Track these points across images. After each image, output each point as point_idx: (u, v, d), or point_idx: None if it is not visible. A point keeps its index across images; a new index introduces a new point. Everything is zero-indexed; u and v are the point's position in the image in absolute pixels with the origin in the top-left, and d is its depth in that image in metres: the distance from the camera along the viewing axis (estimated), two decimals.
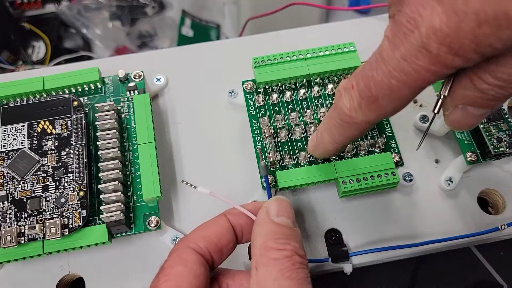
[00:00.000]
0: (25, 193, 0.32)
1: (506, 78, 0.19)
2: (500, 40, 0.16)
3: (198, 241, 0.27)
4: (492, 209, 0.37)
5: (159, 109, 0.40)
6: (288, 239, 0.25)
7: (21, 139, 0.34)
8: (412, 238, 0.35)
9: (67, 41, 0.69)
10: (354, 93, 0.23)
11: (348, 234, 0.35)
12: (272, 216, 0.26)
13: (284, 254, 0.24)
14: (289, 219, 0.27)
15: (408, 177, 0.36)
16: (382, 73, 0.20)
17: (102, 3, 0.71)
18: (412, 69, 0.19)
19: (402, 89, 0.20)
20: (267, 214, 0.27)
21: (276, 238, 0.25)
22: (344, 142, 0.27)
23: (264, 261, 0.24)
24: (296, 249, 0.25)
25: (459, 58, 0.18)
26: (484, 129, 0.35)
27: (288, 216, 0.27)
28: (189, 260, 0.26)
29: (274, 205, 0.27)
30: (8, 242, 0.30)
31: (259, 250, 0.25)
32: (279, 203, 0.27)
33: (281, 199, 0.28)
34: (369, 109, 0.22)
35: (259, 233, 0.26)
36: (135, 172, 0.35)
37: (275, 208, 0.27)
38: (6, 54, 0.65)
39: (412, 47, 0.18)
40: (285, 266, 0.24)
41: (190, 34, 0.75)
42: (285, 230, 0.26)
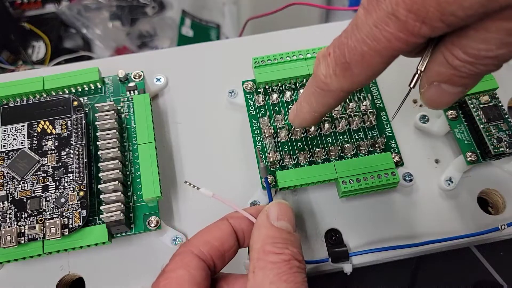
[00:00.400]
0: (25, 193, 0.32)
1: (476, 54, 0.19)
2: (462, 8, 0.17)
3: (201, 246, 0.26)
4: (492, 209, 0.37)
5: (159, 109, 0.40)
6: (286, 243, 0.25)
7: (21, 139, 0.34)
8: (412, 238, 0.35)
9: (67, 41, 0.69)
10: (330, 60, 0.23)
11: (348, 234, 0.35)
12: (272, 220, 0.26)
13: (282, 258, 0.24)
14: (289, 224, 0.27)
15: (408, 177, 0.36)
16: (355, 40, 0.21)
17: (102, 3, 0.71)
18: (383, 36, 0.19)
19: (374, 57, 0.20)
20: (267, 218, 0.27)
21: (274, 242, 0.25)
22: (321, 110, 0.27)
23: (261, 264, 0.24)
24: (294, 253, 0.25)
25: (425, 26, 0.18)
26: (484, 129, 0.35)
27: (288, 220, 0.27)
28: (191, 265, 0.25)
29: (274, 209, 0.27)
30: (8, 242, 0.30)
31: (257, 254, 0.25)
32: (280, 207, 0.27)
33: (281, 203, 0.28)
34: (343, 76, 0.23)
35: (258, 237, 0.26)
36: (135, 172, 0.35)
37: (275, 211, 0.27)
38: (6, 54, 0.65)
39: (383, 14, 0.19)
40: (282, 270, 0.24)
41: (190, 34, 0.75)
42: (284, 235, 0.26)
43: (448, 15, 0.17)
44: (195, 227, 0.35)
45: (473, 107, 0.35)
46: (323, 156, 0.35)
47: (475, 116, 0.35)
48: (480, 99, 0.36)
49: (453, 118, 0.36)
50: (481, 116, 0.35)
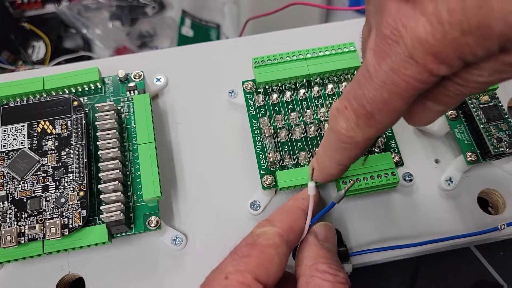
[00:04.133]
0: (25, 193, 0.32)
1: (468, 78, 0.19)
2: (482, 48, 0.17)
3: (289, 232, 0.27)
4: (492, 209, 0.37)
5: (159, 109, 0.40)
6: (339, 267, 0.26)
7: (21, 139, 0.34)
8: (412, 238, 0.35)
9: (67, 41, 0.69)
10: (348, 114, 0.22)
11: (348, 234, 0.35)
12: (321, 240, 0.27)
13: (338, 280, 0.25)
14: (334, 247, 0.28)
15: (408, 177, 0.36)
16: (373, 89, 0.20)
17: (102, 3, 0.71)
18: (402, 80, 0.19)
19: (395, 100, 0.20)
20: (316, 237, 0.27)
21: (328, 263, 0.26)
22: (348, 163, 0.26)
23: (317, 282, 0.25)
24: (347, 280, 0.25)
25: (444, 66, 0.18)
26: (484, 129, 0.35)
27: (333, 244, 0.28)
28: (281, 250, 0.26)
29: (322, 230, 0.28)
30: (8, 242, 0.30)
31: (309, 271, 0.25)
32: (327, 228, 0.28)
33: (328, 225, 0.29)
34: (368, 126, 0.22)
35: (309, 254, 0.27)
36: (135, 172, 0.35)
37: (324, 233, 0.28)
38: (6, 54, 0.65)
39: (399, 58, 0.19)
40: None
41: (190, 34, 0.75)
42: (334, 257, 0.27)
43: (468, 55, 0.17)
44: (195, 227, 0.35)
45: (473, 107, 0.35)
46: None
47: (475, 116, 0.35)
48: (480, 99, 0.36)
49: (453, 118, 0.36)
50: (481, 116, 0.35)
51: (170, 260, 0.34)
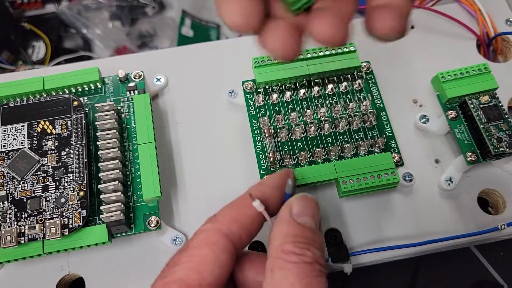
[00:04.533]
0: (25, 193, 0.32)
1: None
2: None
3: (231, 225, 0.24)
4: (492, 209, 0.37)
5: (159, 109, 0.40)
6: (308, 243, 0.23)
7: (21, 139, 0.34)
8: (412, 238, 0.34)
9: (67, 41, 0.69)
10: None
11: (348, 234, 0.35)
12: (294, 215, 0.24)
13: (303, 260, 0.23)
14: (312, 221, 0.25)
15: (408, 177, 0.36)
16: None
17: (102, 3, 0.71)
18: None
19: None
20: (290, 213, 0.25)
21: (295, 241, 0.23)
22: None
23: (280, 264, 0.23)
24: (316, 256, 0.23)
25: None
26: (484, 129, 0.35)
27: (312, 216, 0.25)
28: (218, 245, 0.24)
29: (298, 203, 0.25)
30: (8, 242, 0.30)
31: (275, 252, 0.23)
32: (305, 201, 0.25)
33: (307, 197, 0.25)
34: None
35: (278, 233, 0.24)
36: (135, 172, 0.35)
37: (299, 206, 0.25)
38: (6, 54, 0.65)
39: None
40: (303, 271, 0.22)
41: (190, 34, 0.75)
42: (307, 233, 0.24)
43: None
44: (195, 227, 0.35)
45: (473, 107, 0.35)
46: (323, 156, 0.35)
47: (475, 116, 0.35)
48: (480, 99, 0.36)
49: (453, 118, 0.36)
50: (481, 116, 0.35)
51: None
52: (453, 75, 0.36)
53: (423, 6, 0.44)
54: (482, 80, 0.36)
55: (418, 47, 0.43)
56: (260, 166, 0.34)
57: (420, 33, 0.43)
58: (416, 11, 0.44)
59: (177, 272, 0.23)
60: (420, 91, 0.40)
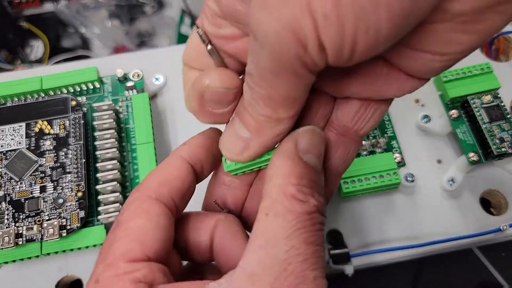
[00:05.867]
0: (23, 194, 0.32)
1: None
2: None
3: (160, 188, 0.22)
4: (494, 209, 0.37)
5: (158, 109, 0.40)
6: (313, 188, 0.20)
7: (19, 139, 0.34)
8: (414, 239, 0.34)
9: (66, 40, 0.69)
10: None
11: (349, 235, 0.35)
12: (300, 151, 0.21)
13: (305, 209, 0.20)
14: (318, 160, 0.22)
15: (410, 177, 0.36)
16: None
17: (101, 2, 0.70)
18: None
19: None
20: (295, 147, 0.21)
21: (300, 184, 0.20)
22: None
23: (279, 210, 0.20)
24: (320, 205, 0.20)
25: None
26: (486, 129, 0.34)
27: (318, 155, 0.22)
28: (152, 211, 0.21)
29: (305, 137, 0.21)
30: (6, 243, 0.30)
31: (275, 194, 0.20)
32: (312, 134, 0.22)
33: (315, 131, 0.22)
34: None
35: (280, 169, 0.21)
36: (133, 173, 0.34)
37: (307, 141, 0.21)
38: (4, 53, 0.64)
39: None
40: (303, 224, 0.19)
41: (189, 33, 0.74)
42: (312, 175, 0.21)
43: None
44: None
45: (475, 107, 0.35)
46: None
47: (477, 116, 0.35)
48: (482, 99, 0.35)
49: (455, 118, 0.36)
50: (483, 116, 0.35)
51: None
52: (455, 74, 0.36)
53: None
54: (484, 80, 0.36)
55: None
56: None
57: None
58: None
59: (117, 249, 0.20)
60: (422, 90, 0.40)
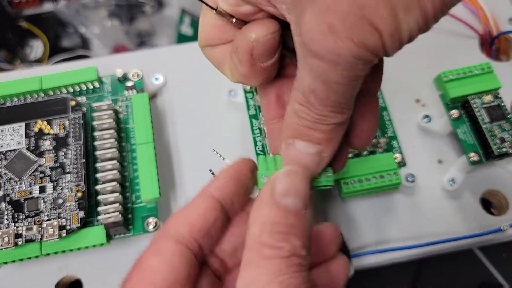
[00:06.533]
0: (22, 194, 0.32)
1: None
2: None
3: (179, 227, 0.22)
4: (495, 210, 0.37)
5: (157, 109, 0.40)
6: (288, 233, 0.20)
7: (19, 139, 0.34)
8: (414, 239, 0.34)
9: (65, 40, 0.69)
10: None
11: (350, 235, 0.34)
12: (277, 196, 0.21)
13: (278, 254, 0.20)
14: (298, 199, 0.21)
15: (410, 177, 0.35)
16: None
17: (100, 2, 0.70)
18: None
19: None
20: (271, 193, 0.21)
21: (273, 231, 0.20)
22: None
23: (254, 258, 0.20)
24: (295, 248, 0.20)
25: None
26: (487, 129, 0.34)
27: (297, 195, 0.21)
28: (167, 251, 0.22)
29: (282, 180, 0.21)
30: (6, 243, 0.30)
31: (251, 243, 0.20)
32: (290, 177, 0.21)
33: (293, 172, 0.22)
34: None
35: (256, 218, 0.21)
36: (133, 173, 0.34)
37: (283, 184, 0.21)
38: (4, 53, 0.64)
39: None
40: (278, 268, 0.19)
41: (189, 33, 0.74)
42: (290, 219, 0.20)
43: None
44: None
45: (476, 107, 0.35)
46: None
47: (478, 116, 0.35)
48: (482, 98, 0.35)
49: (455, 118, 0.36)
50: (484, 116, 0.35)
51: None
52: (455, 74, 0.36)
53: None
54: (485, 80, 0.36)
55: (420, 46, 0.42)
56: None
57: None
58: None
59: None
60: (422, 90, 0.40)
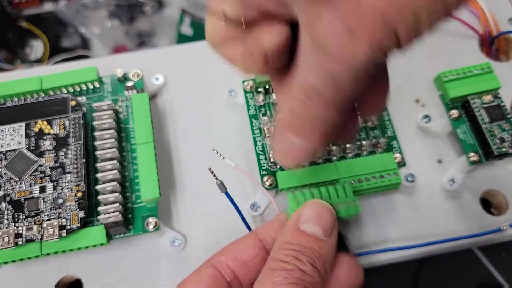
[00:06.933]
0: (22, 194, 0.32)
1: None
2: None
3: (220, 255, 0.26)
4: (494, 210, 0.37)
5: (158, 109, 0.40)
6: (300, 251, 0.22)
7: (19, 139, 0.34)
8: (414, 239, 0.34)
9: (65, 40, 0.69)
10: None
11: (350, 235, 0.35)
12: (300, 223, 0.24)
13: (283, 266, 0.22)
14: (318, 227, 0.24)
15: (410, 177, 0.35)
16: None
17: (100, 2, 0.70)
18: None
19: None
20: (296, 220, 0.24)
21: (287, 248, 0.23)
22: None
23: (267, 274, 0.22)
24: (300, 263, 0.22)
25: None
26: (487, 129, 0.34)
27: (319, 223, 0.24)
28: (202, 270, 0.26)
29: (308, 211, 0.24)
30: (6, 243, 0.30)
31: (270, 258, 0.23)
32: (314, 207, 0.25)
33: (317, 204, 0.25)
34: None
35: (278, 240, 0.24)
36: (133, 173, 0.34)
37: (307, 214, 0.24)
38: (4, 53, 0.64)
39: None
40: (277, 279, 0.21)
41: (189, 33, 0.74)
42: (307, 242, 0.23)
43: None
44: (195, 228, 0.35)
45: (475, 107, 0.35)
46: (324, 157, 0.34)
47: (478, 116, 0.35)
48: (482, 98, 0.35)
49: (455, 118, 0.36)
50: (484, 116, 0.35)
51: (169, 261, 0.34)
52: (455, 74, 0.36)
53: None
54: (485, 80, 0.36)
55: (420, 46, 0.42)
56: (260, 167, 0.34)
57: None
58: None
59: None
60: (422, 90, 0.40)
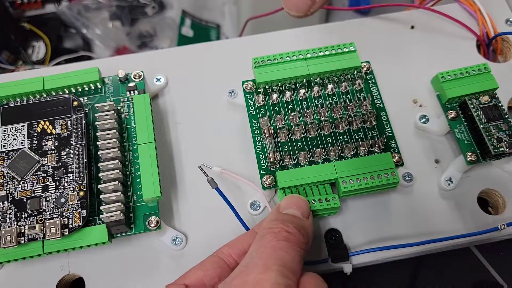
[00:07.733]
0: (25, 193, 0.32)
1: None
2: None
3: (222, 248, 0.30)
4: (492, 209, 0.37)
5: (159, 109, 0.40)
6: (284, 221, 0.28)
7: (21, 139, 0.34)
8: (412, 238, 0.34)
9: (67, 41, 0.69)
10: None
11: (348, 234, 0.35)
12: (281, 208, 0.30)
13: (271, 230, 0.28)
14: (297, 210, 0.30)
15: (408, 177, 0.36)
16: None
17: (102, 3, 0.71)
18: None
19: None
20: (278, 207, 0.31)
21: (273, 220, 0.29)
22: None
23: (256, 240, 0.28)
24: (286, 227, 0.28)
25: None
26: (484, 129, 0.35)
27: (297, 207, 0.30)
28: (207, 261, 0.30)
29: (284, 201, 0.31)
30: (8, 242, 0.30)
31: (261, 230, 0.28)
32: (290, 198, 0.31)
33: (292, 196, 0.32)
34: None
35: (266, 218, 0.30)
36: (135, 172, 0.35)
37: (285, 202, 0.31)
38: (6, 54, 0.65)
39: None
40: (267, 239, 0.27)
41: (190, 34, 0.75)
42: (286, 217, 0.29)
43: None
44: (195, 227, 0.35)
45: (473, 107, 0.35)
46: (323, 156, 0.34)
47: (475, 116, 0.35)
48: (480, 99, 0.36)
49: (453, 118, 0.36)
50: (481, 116, 0.35)
51: (170, 260, 0.34)
52: (453, 75, 0.36)
53: (423, 6, 0.44)
54: (482, 80, 0.36)
55: (418, 47, 0.43)
56: (260, 166, 0.34)
57: (420, 33, 0.43)
58: (416, 11, 0.44)
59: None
60: (420, 91, 0.40)
